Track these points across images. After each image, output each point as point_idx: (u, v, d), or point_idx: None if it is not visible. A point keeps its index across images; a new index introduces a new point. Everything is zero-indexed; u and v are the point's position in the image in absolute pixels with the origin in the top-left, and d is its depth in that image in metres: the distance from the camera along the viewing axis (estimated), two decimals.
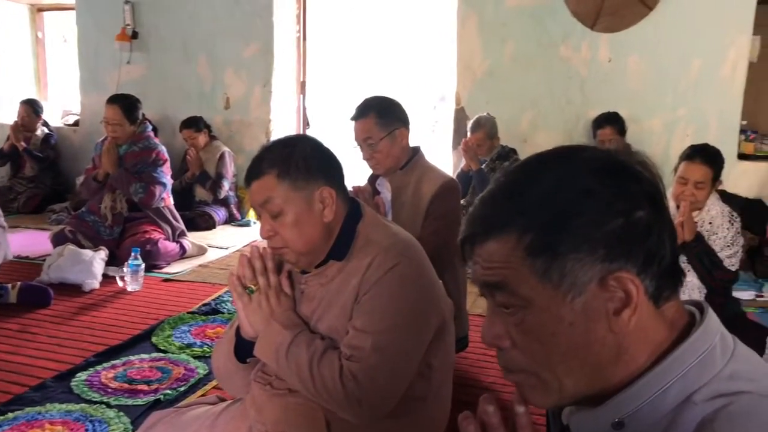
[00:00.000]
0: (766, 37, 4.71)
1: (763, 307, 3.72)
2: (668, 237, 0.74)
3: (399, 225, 2.50)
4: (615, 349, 0.73)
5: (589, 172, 0.73)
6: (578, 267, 0.71)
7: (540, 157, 0.78)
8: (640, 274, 0.72)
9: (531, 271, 0.72)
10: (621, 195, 0.72)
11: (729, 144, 4.56)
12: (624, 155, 0.77)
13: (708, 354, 0.73)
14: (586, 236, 0.71)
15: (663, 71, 4.61)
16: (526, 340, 0.75)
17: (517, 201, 0.74)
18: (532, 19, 4.74)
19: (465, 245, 0.78)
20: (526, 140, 4.87)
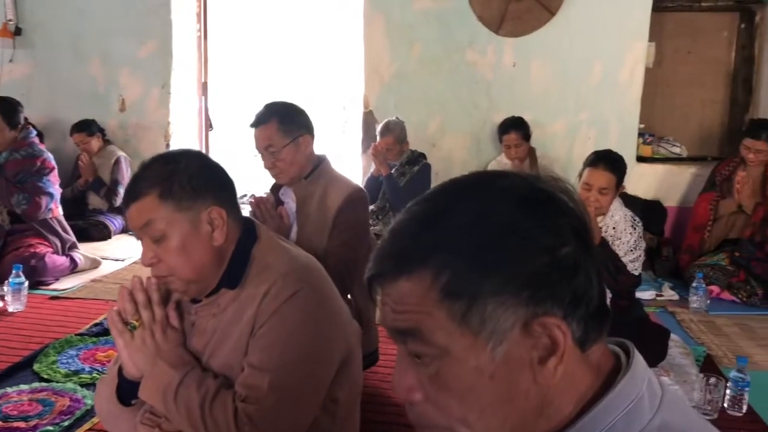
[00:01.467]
0: (661, 43, 4.89)
1: (663, 307, 3.83)
2: (595, 274, 0.67)
3: (305, 236, 2.43)
4: (539, 401, 0.66)
5: (509, 204, 0.66)
6: (500, 311, 0.63)
7: (456, 185, 0.70)
8: (567, 317, 0.65)
9: (448, 315, 0.64)
10: (546, 230, 0.65)
11: (628, 147, 4.69)
12: (546, 182, 0.69)
13: (636, 404, 0.67)
14: (509, 276, 0.63)
15: (565, 76, 4.69)
16: (441, 395, 0.66)
17: (432, 235, 0.65)
18: (439, 22, 4.71)
19: (373, 284, 0.69)
20: (435, 144, 4.85)
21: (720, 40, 5.01)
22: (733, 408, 2.50)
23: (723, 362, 3.01)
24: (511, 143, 4.46)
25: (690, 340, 3.29)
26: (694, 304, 3.74)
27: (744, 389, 2.50)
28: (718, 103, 5.06)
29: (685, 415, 0.71)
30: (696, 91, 5.03)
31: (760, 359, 3.11)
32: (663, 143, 4.95)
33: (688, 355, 3.03)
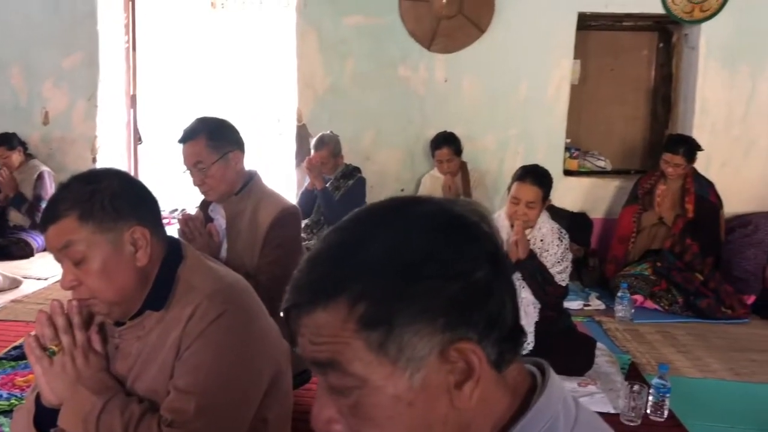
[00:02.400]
0: (586, 61, 5.06)
1: (590, 316, 3.94)
2: (509, 297, 0.68)
3: (235, 254, 2.40)
4: (458, 426, 0.67)
5: (425, 231, 0.66)
6: (417, 339, 0.64)
7: (372, 212, 0.71)
8: (482, 341, 0.66)
9: (365, 345, 0.64)
10: (460, 256, 0.66)
11: (555, 161, 4.84)
12: (462, 207, 0.70)
13: (551, 425, 0.69)
14: (425, 305, 0.64)
15: (495, 92, 4.80)
16: (362, 425, 0.66)
17: (348, 265, 0.65)
18: (372, 38, 4.75)
19: (289, 315, 0.68)
20: (369, 158, 4.87)
21: (640, 58, 5.23)
22: (656, 414, 2.60)
23: (646, 369, 3.12)
24: (443, 158, 4.52)
25: (616, 349, 3.40)
26: (620, 313, 3.87)
27: (665, 395, 2.60)
28: (639, 119, 5.27)
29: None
30: (619, 107, 5.23)
31: (681, 365, 3.25)
32: (588, 157, 5.11)
33: (614, 364, 3.13)
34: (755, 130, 4.75)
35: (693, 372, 3.17)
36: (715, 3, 4.62)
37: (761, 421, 2.66)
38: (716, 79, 4.72)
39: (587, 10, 4.73)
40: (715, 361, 3.30)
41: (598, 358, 3.08)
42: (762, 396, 2.92)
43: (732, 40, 4.66)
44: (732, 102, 4.73)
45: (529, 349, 3.02)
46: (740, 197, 4.67)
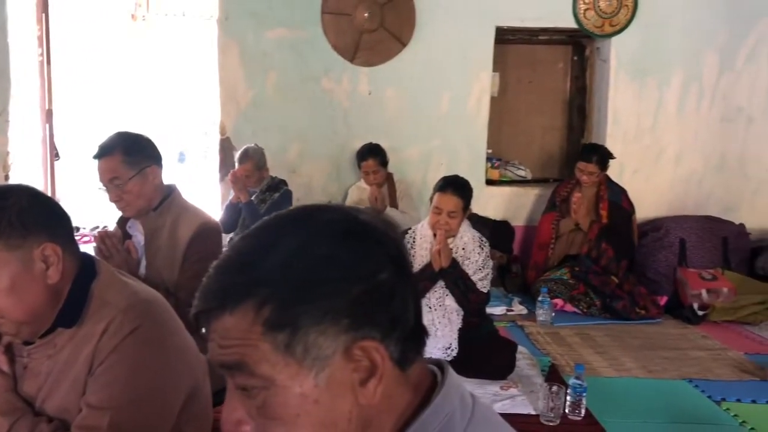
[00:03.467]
0: (505, 74, 5.23)
1: (513, 321, 4.06)
2: (412, 299, 0.72)
3: (154, 270, 2.36)
4: (362, 422, 0.70)
5: (329, 237, 0.70)
6: (322, 339, 0.67)
7: (278, 220, 0.74)
8: (385, 340, 0.69)
9: (272, 347, 0.67)
10: (364, 259, 0.69)
11: (477, 171, 4.96)
12: (367, 215, 0.74)
13: (448, 420, 0.72)
14: (329, 306, 0.67)
15: (418, 104, 4.89)
16: (269, 424, 0.68)
17: (254, 271, 0.68)
18: (294, 50, 4.76)
19: (199, 321, 0.71)
20: (295, 171, 4.87)
21: (556, 70, 5.44)
22: (574, 413, 2.70)
23: (565, 370, 3.23)
24: (369, 170, 4.56)
25: (537, 352, 3.51)
26: (541, 317, 4.00)
27: (582, 394, 2.70)
28: (556, 129, 5.47)
29: (493, 427, 0.77)
30: (537, 118, 5.42)
31: (598, 365, 3.38)
32: (509, 167, 5.27)
33: (534, 366, 3.23)
34: (664, 139, 5.01)
35: (609, 371, 3.31)
36: (624, 18, 4.86)
37: (671, 415, 2.81)
38: (626, 91, 4.96)
39: (504, 24, 4.88)
40: (629, 360, 3.45)
41: (519, 361, 3.18)
42: (672, 391, 3.08)
43: (640, 54, 4.91)
44: (641, 112, 4.98)
45: (454, 355, 3.10)
46: (651, 203, 4.91)
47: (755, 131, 5.00)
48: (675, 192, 5.02)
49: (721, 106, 4.98)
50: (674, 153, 5.03)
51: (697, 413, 2.86)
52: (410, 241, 3.28)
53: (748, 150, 5.02)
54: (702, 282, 4.20)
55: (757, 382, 3.19)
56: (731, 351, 3.62)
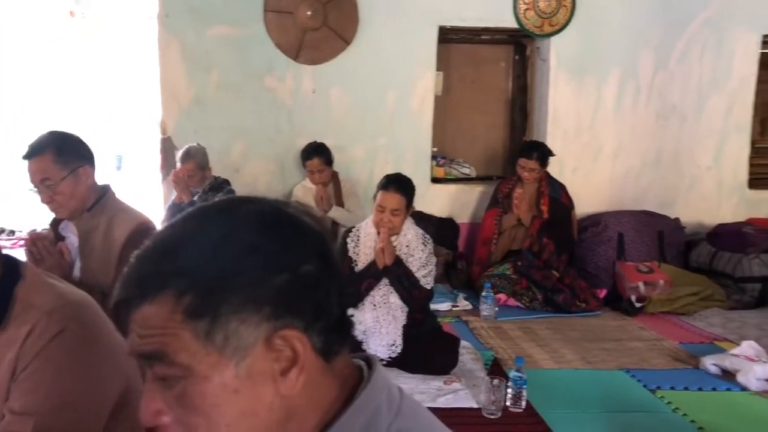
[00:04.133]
0: (449, 73, 5.28)
1: (458, 316, 4.11)
2: (336, 290, 0.72)
3: (89, 272, 2.30)
4: (284, 413, 0.69)
5: (253, 227, 0.70)
6: (243, 328, 0.66)
7: (202, 211, 0.73)
8: (308, 330, 0.69)
9: (192, 336, 0.66)
10: (287, 250, 0.69)
11: (423, 169, 5.01)
12: (293, 208, 0.75)
13: (374, 414, 0.72)
14: (251, 295, 0.66)
15: (363, 103, 4.90)
16: (189, 415, 0.68)
17: (175, 259, 0.68)
18: (236, 48, 4.71)
19: (120, 311, 0.70)
20: (239, 170, 4.82)
21: (499, 70, 5.53)
22: (515, 405, 2.75)
23: (508, 364, 3.28)
24: (314, 168, 4.55)
25: (480, 346, 3.56)
26: (485, 312, 4.06)
27: (522, 387, 2.75)
28: (499, 127, 5.56)
29: (420, 421, 0.77)
30: (480, 116, 5.49)
31: (539, 358, 3.45)
32: (454, 165, 5.33)
33: (477, 360, 3.28)
34: (602, 136, 5.14)
35: (550, 363, 3.38)
36: (563, 18, 4.97)
37: (608, 404, 2.89)
38: (566, 90, 5.07)
39: (447, 23, 4.93)
40: (569, 352, 3.54)
41: (463, 356, 3.22)
42: (609, 381, 3.17)
43: (578, 53, 5.03)
44: (580, 111, 5.10)
45: (398, 352, 3.12)
46: (591, 198, 5.04)
47: (688, 128, 5.18)
48: (613, 188, 5.16)
49: (656, 104, 5.14)
50: (612, 150, 5.16)
51: (633, 402, 2.95)
52: (354, 239, 3.29)
53: (682, 146, 5.19)
54: (639, 275, 4.34)
55: (690, 370, 3.31)
56: (666, 341, 3.74)
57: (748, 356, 3.24)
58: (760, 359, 3.19)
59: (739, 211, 5.19)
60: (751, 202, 5.25)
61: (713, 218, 5.09)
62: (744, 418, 2.79)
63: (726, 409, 2.87)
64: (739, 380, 3.08)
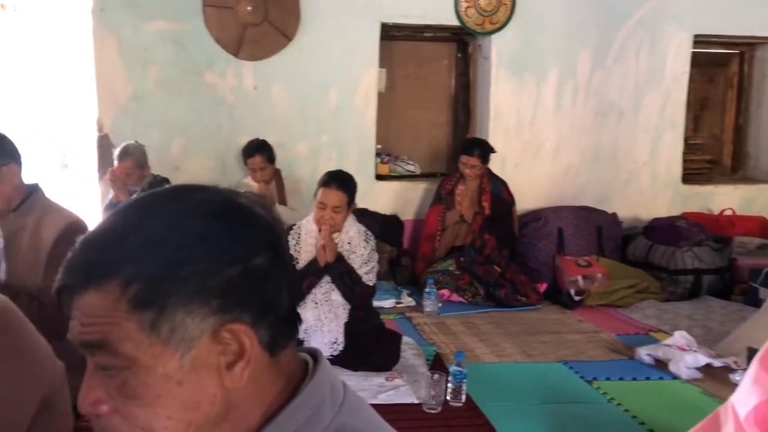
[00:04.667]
0: (392, 70, 5.29)
1: (402, 313, 4.12)
2: (286, 283, 0.72)
3: (15, 274, 2.22)
4: (226, 407, 0.68)
5: (203, 216, 0.68)
6: (190, 320, 0.65)
7: (151, 198, 0.72)
8: (256, 324, 0.68)
9: (137, 326, 0.65)
10: (238, 241, 0.68)
11: (367, 166, 5.01)
12: (246, 197, 0.73)
13: (317, 409, 0.72)
14: (199, 286, 0.65)
15: (306, 99, 4.87)
16: (128, 405, 0.67)
17: (123, 247, 0.66)
18: (175, 44, 4.62)
19: (62, 297, 0.68)
20: (179, 168, 4.73)
21: (441, 67, 5.56)
22: (455, 399, 2.78)
23: (449, 359, 3.31)
24: (256, 166, 4.50)
25: (423, 342, 3.59)
26: (428, 308, 4.08)
27: (462, 381, 2.78)
28: (443, 125, 5.60)
29: (362, 416, 0.77)
30: (424, 113, 5.52)
31: (480, 352, 3.50)
32: (398, 162, 5.34)
33: (420, 356, 3.30)
34: (542, 133, 5.23)
35: (491, 357, 3.43)
36: (503, 16, 5.03)
37: (547, 396, 2.94)
38: (507, 87, 5.14)
39: (389, 20, 4.94)
40: (510, 346, 3.59)
41: (405, 352, 3.24)
42: (548, 373, 3.23)
43: (519, 51, 5.10)
44: (521, 108, 5.18)
45: (340, 350, 3.12)
46: (532, 194, 5.13)
47: (625, 125, 5.32)
48: (553, 183, 5.26)
49: (594, 102, 5.26)
50: (552, 146, 5.26)
51: (571, 393, 3.02)
52: (295, 236, 3.26)
53: (619, 143, 5.33)
54: (578, 269, 4.43)
55: (626, 360, 3.40)
56: (604, 333, 3.84)
57: (679, 346, 3.35)
58: (691, 349, 3.30)
59: (674, 206, 5.36)
60: (685, 196, 5.43)
61: (649, 213, 5.24)
62: (675, 405, 2.88)
63: (658, 398, 2.96)
64: (671, 369, 3.19)
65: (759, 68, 5.72)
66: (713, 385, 3.05)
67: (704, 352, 3.30)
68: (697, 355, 3.24)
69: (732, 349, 3.40)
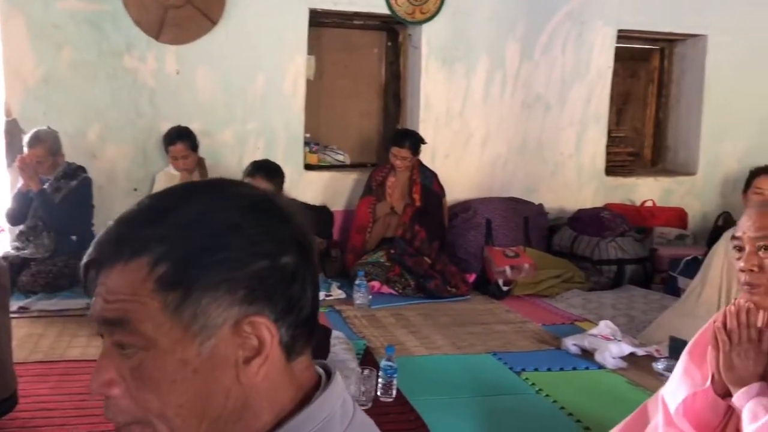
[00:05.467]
0: (321, 57, 5.18)
1: (331, 306, 4.05)
2: (311, 287, 0.71)
3: None
4: (239, 402, 0.67)
5: (239, 208, 0.69)
6: (214, 307, 0.65)
7: (191, 186, 0.73)
8: (278, 321, 0.67)
9: (161, 306, 0.64)
10: (269, 236, 0.68)
11: (296, 156, 4.90)
12: (280, 197, 0.74)
13: (327, 422, 0.71)
14: (228, 274, 0.65)
15: (231, 85, 4.70)
16: (142, 388, 0.66)
17: (156, 226, 0.66)
18: (91, 24, 4.37)
19: (88, 272, 0.69)
20: (96, 155, 4.50)
21: (372, 55, 5.49)
22: (385, 394, 2.73)
23: (380, 352, 3.26)
24: (178, 154, 4.32)
25: (353, 335, 3.53)
26: (358, 301, 4.03)
27: (392, 376, 2.74)
28: (373, 114, 5.53)
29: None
30: (354, 102, 5.44)
31: (410, 345, 3.47)
32: (328, 151, 5.25)
33: (350, 350, 3.23)
34: (471, 124, 5.24)
35: (421, 350, 3.40)
36: (433, 6, 5.00)
37: (476, 388, 2.94)
38: (437, 77, 5.12)
39: (317, 6, 4.82)
40: (440, 338, 3.58)
41: (335, 347, 3.16)
42: (478, 365, 3.23)
43: (448, 41, 5.08)
44: (451, 99, 5.17)
45: None
46: (461, 185, 5.14)
47: (552, 117, 5.39)
48: (482, 175, 5.28)
49: (522, 94, 5.31)
50: (481, 137, 5.28)
51: (500, 385, 3.02)
52: None
53: (546, 135, 5.40)
54: (506, 259, 4.47)
55: (553, 351, 3.44)
56: (531, 323, 3.88)
57: (604, 335, 3.41)
58: (615, 338, 3.37)
59: (598, 197, 5.49)
60: (608, 188, 5.57)
61: (574, 204, 5.34)
62: (601, 395, 2.92)
63: (585, 388, 3.00)
64: (597, 359, 3.24)
65: (678, 64, 5.92)
66: (637, 374, 3.11)
67: (628, 341, 3.38)
68: (621, 345, 3.30)
69: (654, 338, 3.50)
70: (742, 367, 1.46)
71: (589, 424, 2.62)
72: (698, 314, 3.46)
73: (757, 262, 1.49)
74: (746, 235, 1.51)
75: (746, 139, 5.73)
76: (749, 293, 1.50)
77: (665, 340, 3.33)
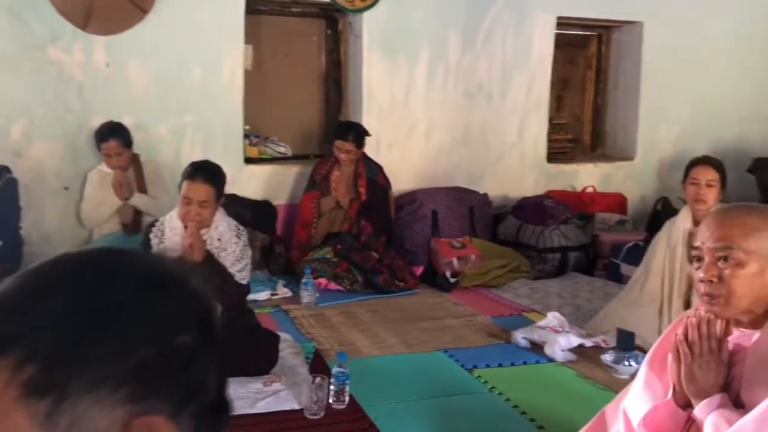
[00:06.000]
0: (259, 46, 5.02)
1: (278, 305, 3.95)
2: (215, 366, 0.61)
3: None
4: None
5: (122, 287, 0.58)
6: (95, 411, 0.54)
7: (60, 262, 0.61)
8: (176, 416, 0.57)
9: (28, 416, 0.53)
10: (159, 317, 0.58)
11: (235, 149, 4.74)
12: (176, 266, 0.63)
13: None
14: (109, 370, 0.55)
15: (166, 78, 4.50)
16: None
17: (18, 319, 0.55)
18: (10, 14, 4.09)
19: None
20: (21, 154, 4.24)
21: (311, 44, 5.36)
22: (338, 402, 2.67)
23: (330, 354, 3.19)
24: (110, 151, 4.11)
25: (301, 338, 3.44)
26: (305, 299, 3.94)
27: (344, 383, 2.67)
28: (314, 104, 5.41)
29: None
30: (295, 92, 5.30)
31: (361, 345, 3.41)
32: (269, 144, 5.10)
33: (298, 354, 3.16)
34: (415, 114, 5.19)
35: (372, 350, 3.35)
36: None
37: (429, 390, 2.89)
38: (380, 67, 5.03)
39: None
40: (390, 336, 3.53)
41: (283, 351, 3.08)
42: (430, 364, 3.20)
43: (390, 31, 5.00)
44: (394, 88, 5.09)
45: None
46: (406, 176, 5.09)
47: (494, 106, 5.39)
48: (426, 165, 5.24)
49: (464, 83, 5.27)
50: (425, 127, 5.23)
51: (453, 384, 3.00)
52: (158, 234, 2.99)
53: (489, 124, 5.39)
54: (453, 250, 4.46)
55: (503, 345, 3.44)
56: (480, 316, 3.88)
57: (552, 327, 3.43)
58: (563, 330, 3.40)
59: (540, 185, 5.53)
60: (550, 175, 5.62)
61: (517, 192, 5.37)
62: (552, 390, 2.93)
63: (536, 384, 3.01)
64: (547, 353, 3.25)
65: (615, 50, 6.00)
66: (586, 366, 3.14)
67: (576, 332, 3.41)
68: (569, 336, 3.33)
69: (601, 327, 3.54)
70: (703, 378, 1.46)
71: (542, 422, 2.62)
72: (642, 303, 3.54)
73: (717, 272, 1.47)
74: (705, 246, 1.50)
75: (681, 123, 5.87)
76: (709, 304, 1.49)
77: (612, 330, 3.37)
